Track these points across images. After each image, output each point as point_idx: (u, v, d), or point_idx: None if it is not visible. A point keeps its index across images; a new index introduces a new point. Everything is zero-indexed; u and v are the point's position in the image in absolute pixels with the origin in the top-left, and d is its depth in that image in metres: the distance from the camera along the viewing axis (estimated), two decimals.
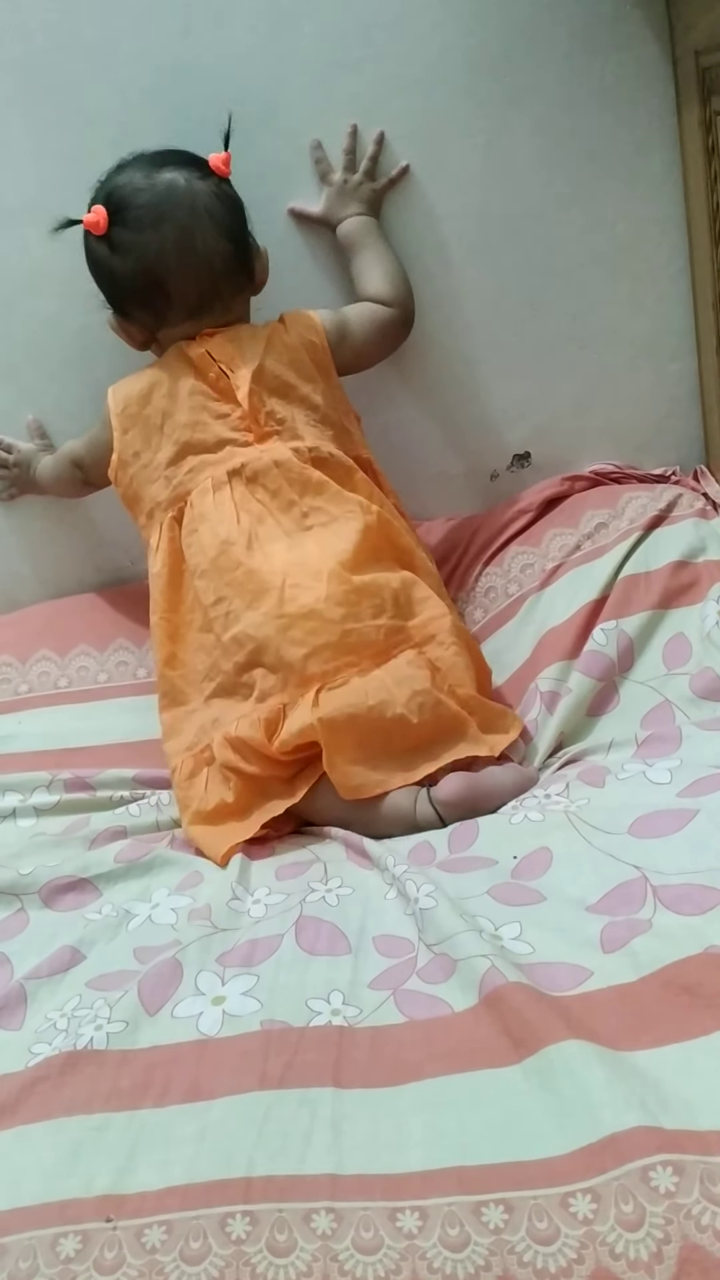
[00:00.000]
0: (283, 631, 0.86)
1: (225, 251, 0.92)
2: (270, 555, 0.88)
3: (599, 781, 0.80)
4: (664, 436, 1.11)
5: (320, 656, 0.85)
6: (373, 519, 0.90)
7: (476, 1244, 0.48)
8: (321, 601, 0.85)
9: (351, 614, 0.86)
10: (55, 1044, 0.63)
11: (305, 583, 0.86)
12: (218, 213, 0.92)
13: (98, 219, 0.92)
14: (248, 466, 0.90)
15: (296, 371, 0.94)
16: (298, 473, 0.90)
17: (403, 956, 0.67)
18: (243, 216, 0.94)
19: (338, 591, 0.86)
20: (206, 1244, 0.49)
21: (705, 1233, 0.47)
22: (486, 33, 0.99)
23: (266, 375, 0.92)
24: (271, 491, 0.90)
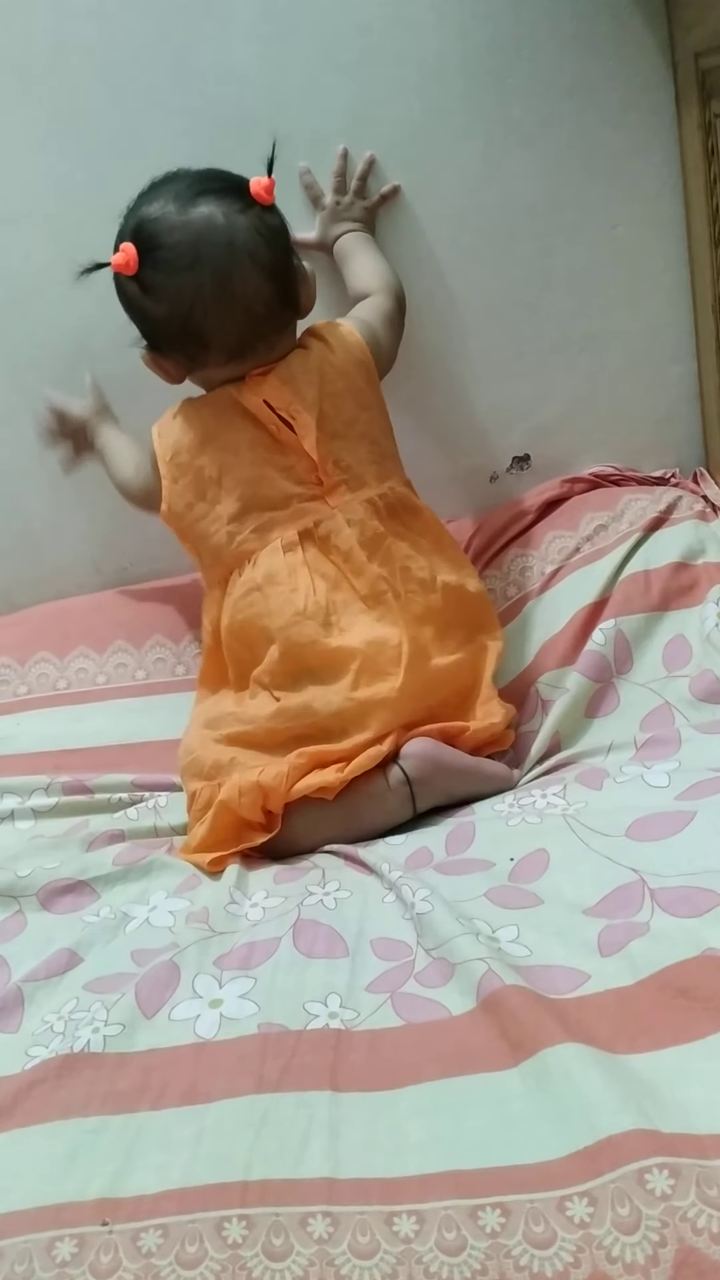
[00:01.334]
0: (353, 715, 0.83)
1: (267, 293, 0.86)
2: (345, 631, 0.85)
3: (597, 784, 0.80)
4: (663, 439, 1.11)
5: (384, 734, 0.84)
6: (436, 598, 0.87)
7: (473, 1248, 0.48)
8: (397, 691, 0.83)
9: (423, 702, 0.86)
10: (52, 1047, 0.63)
11: (384, 668, 0.84)
12: (260, 252, 0.84)
13: (127, 260, 0.85)
14: (321, 526, 0.86)
15: (354, 401, 0.90)
16: (371, 533, 0.87)
17: (400, 960, 0.67)
18: (287, 248, 0.88)
19: (414, 682, 0.84)
20: (203, 1248, 0.49)
21: (701, 1235, 0.47)
22: (484, 35, 0.99)
23: (328, 419, 0.88)
24: (344, 554, 0.86)
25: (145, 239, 0.85)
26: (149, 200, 0.87)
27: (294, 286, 0.89)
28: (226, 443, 0.88)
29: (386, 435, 0.94)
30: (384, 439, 0.93)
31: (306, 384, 0.88)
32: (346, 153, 0.99)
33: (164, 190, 0.86)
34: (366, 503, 0.88)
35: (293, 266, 0.89)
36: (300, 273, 0.90)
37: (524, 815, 0.79)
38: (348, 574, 0.86)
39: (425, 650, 0.86)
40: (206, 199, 0.85)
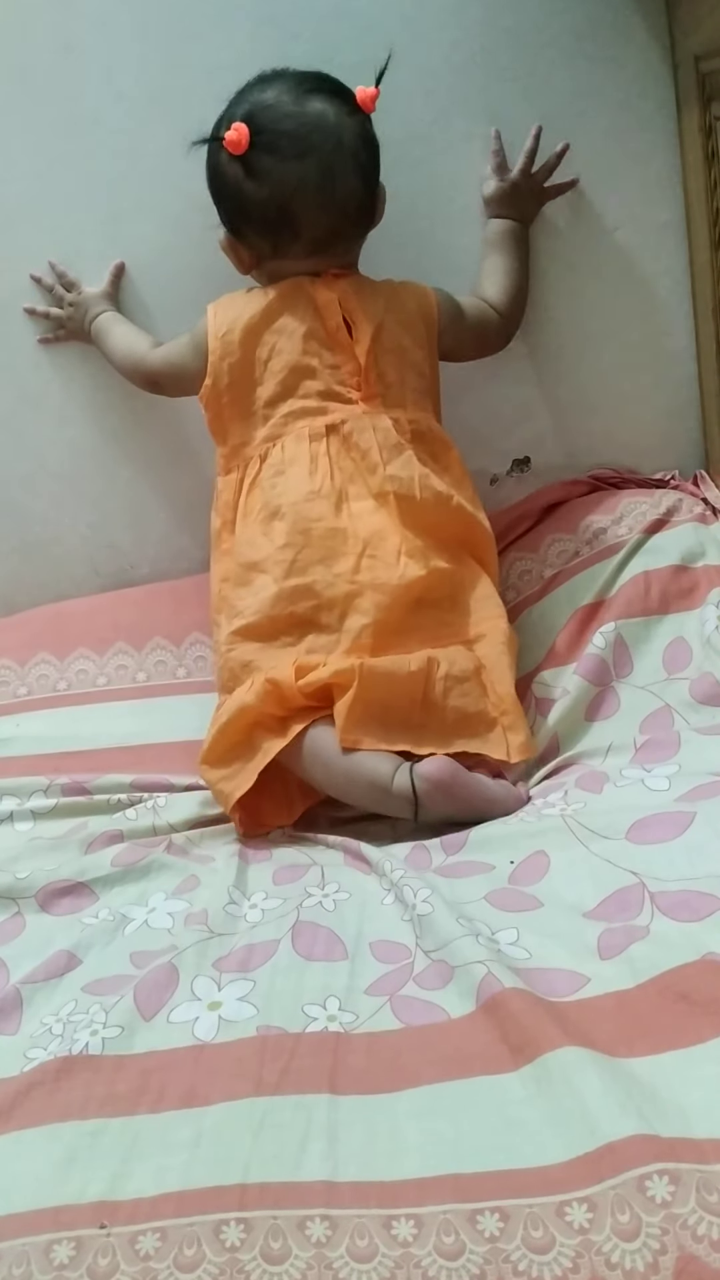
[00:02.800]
0: (351, 598, 0.85)
1: (360, 195, 0.90)
2: (355, 516, 0.88)
3: (597, 787, 0.80)
4: (663, 441, 1.11)
5: (379, 631, 0.85)
6: (454, 506, 0.90)
7: (472, 1252, 0.48)
8: (396, 578, 0.85)
9: (419, 599, 0.87)
10: (51, 1049, 0.63)
11: (385, 556, 0.86)
12: (360, 152, 0.89)
13: (240, 138, 0.86)
14: (347, 425, 0.89)
15: (412, 337, 0.93)
16: (394, 443, 0.89)
17: (400, 962, 0.66)
18: (378, 157, 0.92)
19: (412, 574, 0.86)
20: (200, 1251, 0.49)
21: (701, 1243, 0.46)
22: (485, 38, 0.99)
23: (386, 334, 0.91)
24: (363, 452, 0.89)
25: (259, 123, 0.87)
26: (262, 89, 0.89)
27: (378, 195, 0.93)
28: (284, 326, 0.90)
29: (434, 380, 0.96)
30: (431, 381, 0.95)
31: (373, 299, 0.92)
32: (540, 132, 0.99)
33: (277, 82, 0.89)
34: (394, 420, 0.90)
35: (376, 174, 0.92)
36: (382, 187, 0.94)
37: (523, 818, 0.79)
38: (363, 470, 0.89)
39: (425, 552, 0.87)
40: (320, 96, 0.88)
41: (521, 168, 1.00)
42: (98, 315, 1.03)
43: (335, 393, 0.90)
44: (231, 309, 0.92)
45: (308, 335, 0.90)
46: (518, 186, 1.00)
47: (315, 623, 0.86)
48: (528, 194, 1.01)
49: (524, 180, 1.00)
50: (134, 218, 1.01)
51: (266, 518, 0.89)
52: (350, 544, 0.87)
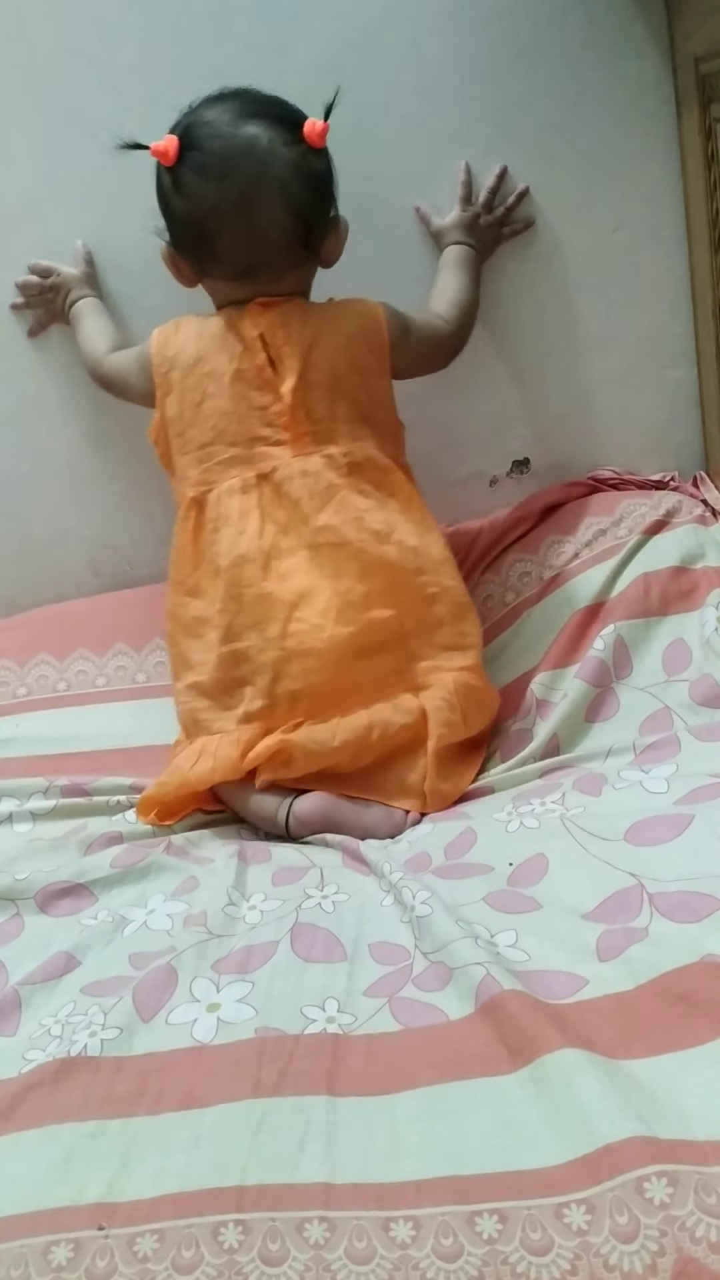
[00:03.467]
0: (281, 663, 0.86)
1: (285, 225, 0.87)
2: (285, 576, 0.87)
3: (596, 789, 0.80)
4: (663, 443, 1.11)
5: (312, 695, 0.86)
6: (393, 541, 0.88)
7: (470, 1254, 0.48)
8: (323, 641, 0.86)
9: (359, 652, 0.86)
10: (49, 1050, 0.63)
11: (312, 618, 0.86)
12: (290, 184, 0.86)
13: (167, 149, 0.87)
14: (277, 473, 0.88)
15: (349, 362, 0.90)
16: (325, 485, 0.88)
17: (399, 964, 0.66)
18: (322, 192, 0.89)
19: (341, 634, 0.86)
20: (199, 1253, 0.49)
21: (699, 1245, 0.46)
22: (485, 40, 0.99)
23: (314, 367, 0.89)
24: (293, 502, 0.88)
25: (189, 139, 0.87)
26: (210, 105, 0.89)
27: (318, 231, 0.90)
28: (214, 368, 0.90)
29: (379, 406, 0.93)
30: (375, 407, 0.92)
31: (303, 328, 0.89)
32: (506, 172, 1.01)
33: (226, 101, 0.88)
34: (326, 458, 0.89)
35: (324, 212, 0.90)
36: (332, 223, 0.91)
37: (523, 820, 0.79)
38: (296, 521, 0.88)
39: (363, 602, 0.87)
40: (260, 122, 0.87)
41: (484, 201, 1.01)
42: (76, 300, 1.03)
43: (264, 436, 0.89)
44: (171, 345, 0.92)
45: (235, 377, 0.89)
46: (478, 217, 1.01)
47: (253, 685, 0.88)
48: (486, 227, 1.02)
49: (485, 213, 1.01)
50: (134, 219, 1.01)
51: (211, 574, 0.90)
52: (277, 609, 0.87)
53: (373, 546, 0.88)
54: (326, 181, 0.90)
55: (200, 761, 0.88)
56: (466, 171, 1.01)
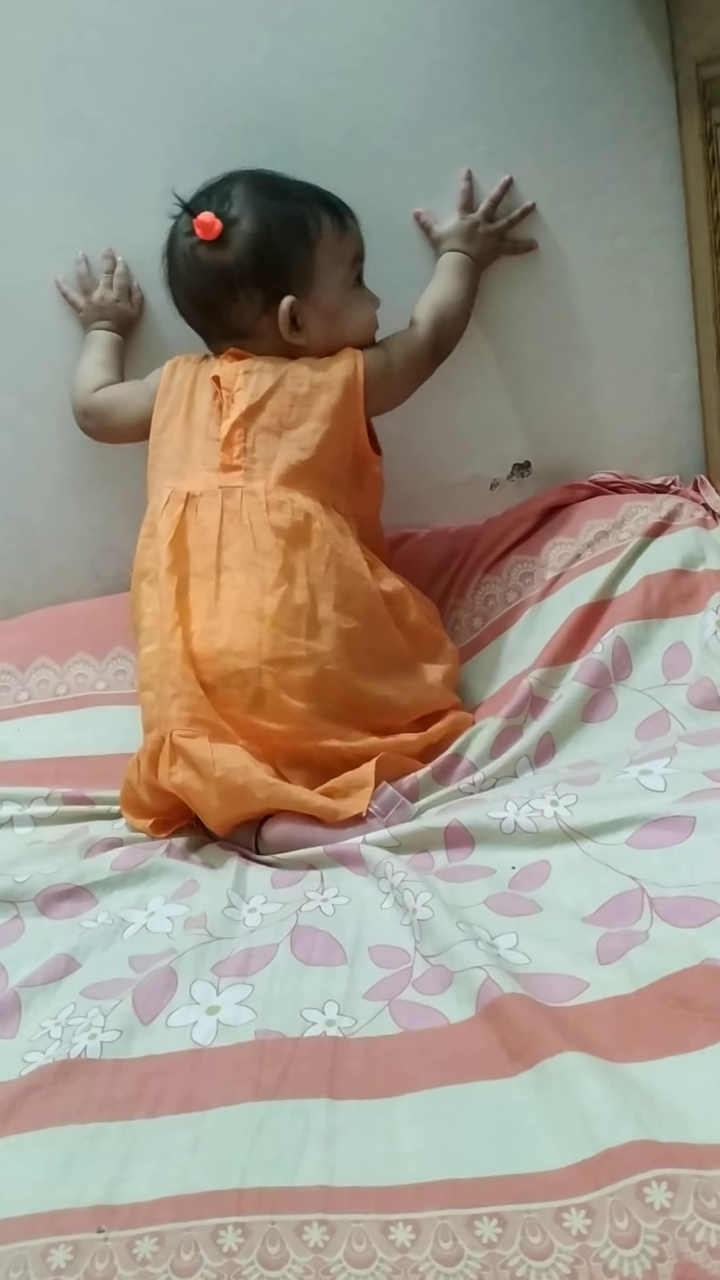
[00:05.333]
0: (154, 676, 0.87)
1: (190, 310, 0.97)
2: (166, 597, 0.88)
3: (595, 792, 0.79)
4: (664, 446, 1.11)
5: (180, 710, 0.85)
6: (272, 602, 0.86)
7: (470, 1258, 0.48)
8: (188, 670, 0.86)
9: (211, 694, 0.86)
10: (49, 1052, 0.63)
11: (165, 638, 0.87)
12: (183, 272, 0.95)
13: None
14: (204, 497, 0.90)
15: (311, 412, 0.91)
16: (237, 520, 0.89)
17: (398, 967, 0.66)
18: (218, 278, 0.92)
19: (202, 666, 0.86)
20: (198, 1255, 0.49)
21: (700, 1250, 0.46)
22: (486, 43, 0.99)
23: (265, 411, 0.91)
24: (204, 528, 0.89)
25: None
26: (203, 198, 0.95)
27: (222, 313, 0.94)
28: (191, 399, 0.95)
29: (334, 461, 0.93)
30: (328, 462, 0.92)
31: (263, 377, 0.92)
32: (511, 183, 1.02)
33: (205, 192, 0.95)
34: (251, 495, 0.89)
35: (228, 295, 0.93)
36: (258, 303, 0.93)
37: (521, 824, 0.78)
38: (202, 548, 0.89)
39: (230, 645, 0.86)
40: (188, 213, 0.93)
41: (484, 210, 1.01)
42: (92, 328, 1.06)
43: (206, 462, 0.92)
44: (175, 375, 0.97)
45: (203, 407, 0.94)
46: (477, 226, 1.02)
47: (149, 689, 0.88)
48: (485, 236, 1.02)
49: (484, 222, 1.02)
50: (133, 222, 1.02)
51: (137, 577, 0.92)
52: (165, 620, 0.87)
53: (257, 596, 0.87)
54: (222, 274, 0.92)
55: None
56: (468, 179, 1.02)
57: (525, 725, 0.90)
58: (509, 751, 0.88)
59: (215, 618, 0.87)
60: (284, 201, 0.93)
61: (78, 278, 1.05)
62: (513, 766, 0.87)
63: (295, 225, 0.92)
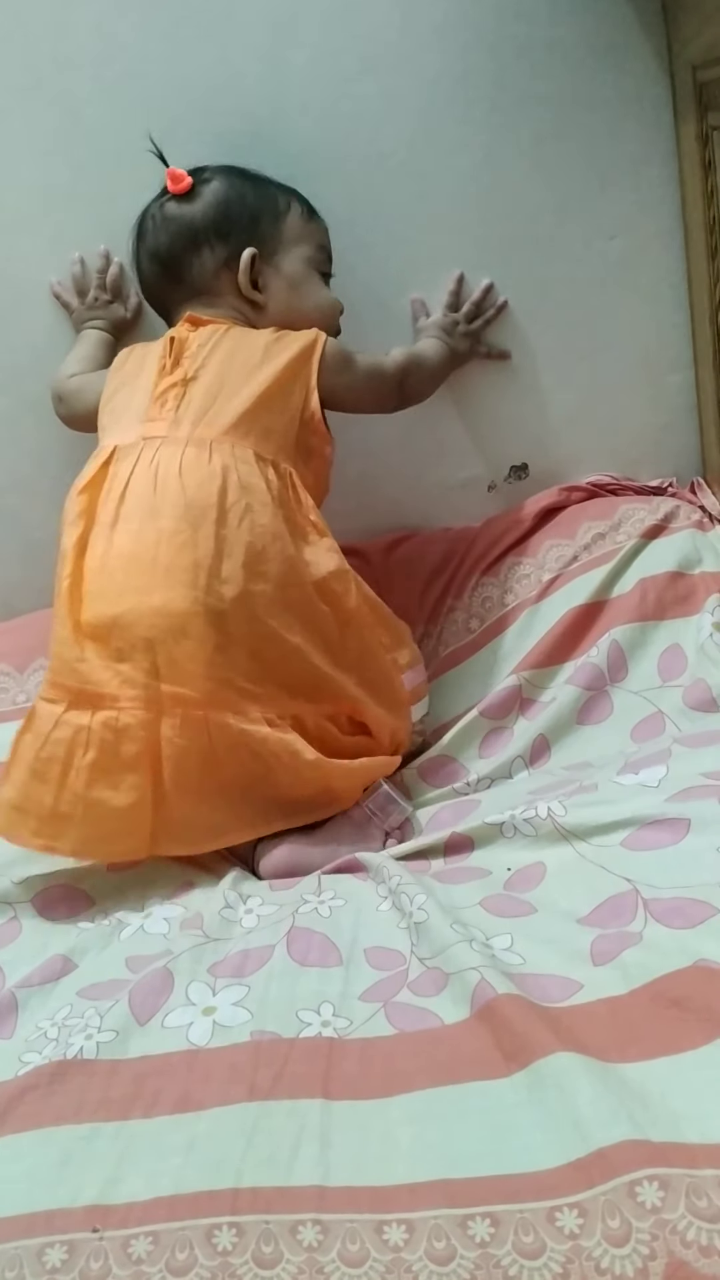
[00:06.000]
0: (56, 633, 0.82)
1: (151, 271, 0.97)
2: (83, 547, 0.84)
3: (591, 793, 0.79)
4: (661, 448, 1.12)
5: (62, 673, 0.80)
6: (168, 553, 0.80)
7: (463, 1257, 0.48)
8: (68, 627, 0.80)
9: (93, 650, 0.80)
10: (45, 1053, 0.63)
11: (81, 600, 0.82)
12: (149, 234, 0.96)
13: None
14: (130, 448, 0.86)
15: (246, 372, 0.88)
16: (148, 468, 0.84)
17: (394, 969, 0.67)
18: (180, 233, 0.93)
19: (88, 620, 0.80)
20: (193, 1255, 0.49)
21: (690, 1248, 0.46)
22: (484, 47, 1.00)
23: (207, 371, 0.88)
24: (116, 478, 0.85)
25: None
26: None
27: (183, 268, 0.94)
28: (141, 368, 0.93)
29: (274, 414, 0.88)
30: (266, 412, 0.87)
31: (219, 342, 0.90)
32: (491, 287, 1.05)
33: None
34: (170, 444, 0.85)
35: (190, 250, 0.94)
36: (217, 256, 0.93)
37: (519, 826, 0.79)
38: (109, 497, 0.85)
39: (124, 590, 0.80)
40: (156, 199, 0.96)
41: (465, 313, 1.05)
42: (83, 326, 1.06)
43: (140, 414, 0.88)
44: (130, 355, 0.96)
45: (145, 374, 0.91)
46: (457, 325, 1.05)
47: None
48: (463, 336, 1.05)
49: (465, 324, 1.05)
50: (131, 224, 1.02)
51: (62, 532, 0.88)
52: (62, 574, 0.83)
53: (173, 540, 0.81)
54: (185, 228, 0.94)
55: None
56: (458, 282, 1.05)
57: (515, 725, 0.90)
58: (503, 752, 0.88)
59: (109, 565, 0.81)
60: (257, 180, 0.96)
61: (73, 278, 1.05)
62: (508, 768, 0.88)
63: (265, 196, 0.95)
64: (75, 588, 0.82)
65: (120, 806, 0.78)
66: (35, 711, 0.82)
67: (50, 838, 0.79)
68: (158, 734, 0.78)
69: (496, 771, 0.87)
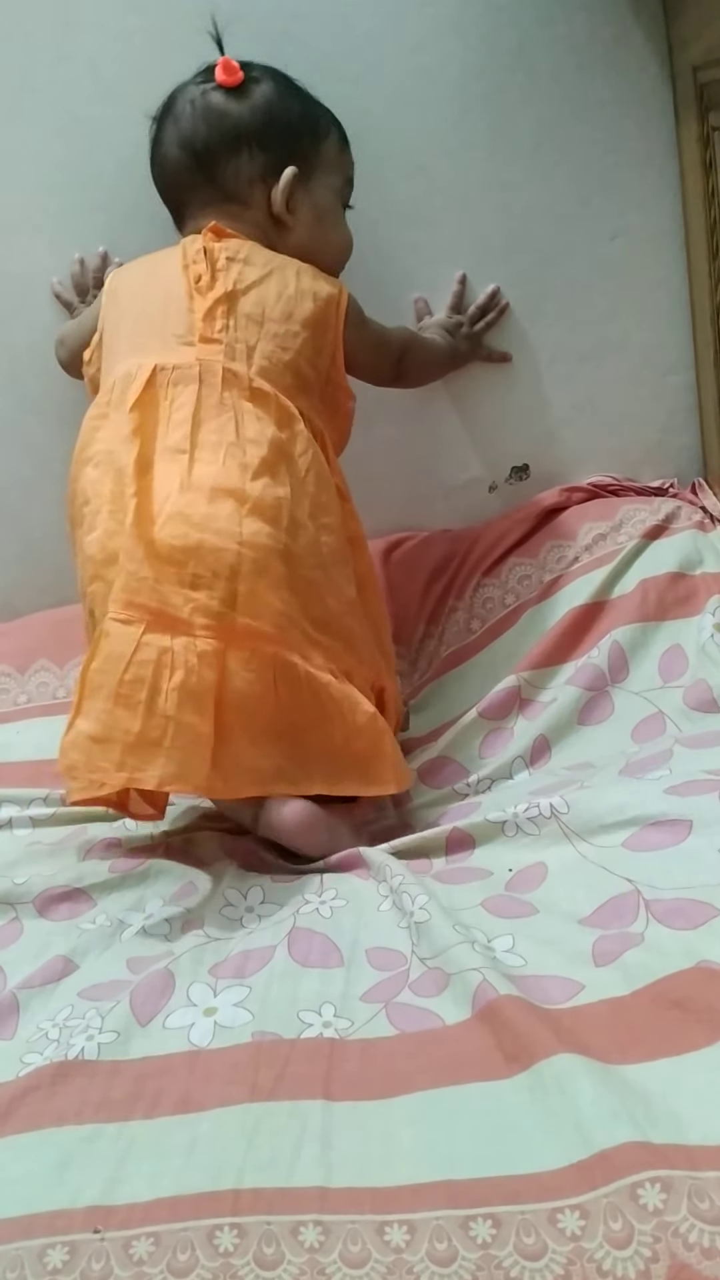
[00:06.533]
0: (102, 564, 0.79)
1: (178, 159, 0.90)
2: (130, 475, 0.79)
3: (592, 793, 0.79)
4: (662, 449, 1.12)
5: (119, 592, 0.77)
6: (256, 489, 0.78)
7: (464, 1258, 0.48)
8: (139, 547, 0.76)
9: (166, 574, 0.76)
10: (47, 1054, 0.63)
11: (149, 524, 0.77)
12: (183, 121, 0.89)
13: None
14: (176, 371, 0.82)
15: (287, 308, 0.85)
16: (218, 397, 0.81)
17: (395, 969, 0.67)
18: (225, 126, 0.88)
19: (164, 541, 0.76)
20: (194, 1256, 0.49)
21: (693, 1251, 0.46)
22: (486, 47, 1.00)
23: (248, 296, 0.85)
24: (178, 401, 0.81)
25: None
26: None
27: (218, 166, 0.89)
28: (157, 273, 0.88)
29: (311, 370, 0.87)
30: (307, 367, 0.86)
31: (250, 262, 0.87)
32: (497, 292, 1.05)
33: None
34: (234, 375, 0.82)
35: (229, 149, 0.89)
36: (257, 167, 0.89)
37: (521, 825, 0.79)
38: (173, 420, 0.81)
39: (193, 514, 0.77)
40: (194, 80, 0.91)
41: (470, 315, 1.05)
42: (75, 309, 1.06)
43: (178, 334, 0.84)
44: (123, 278, 0.91)
45: (172, 280, 0.86)
46: (460, 325, 1.05)
47: (88, 590, 0.81)
48: (466, 336, 1.05)
49: (468, 326, 1.05)
50: (132, 224, 1.02)
51: (80, 464, 0.84)
52: (96, 500, 0.80)
53: (239, 475, 0.79)
54: (231, 123, 0.88)
55: None
56: (461, 283, 1.05)
57: (515, 726, 0.90)
58: (503, 753, 0.88)
59: (190, 491, 0.78)
60: (303, 95, 0.92)
61: (72, 278, 1.05)
62: (508, 768, 0.88)
63: (310, 114, 0.92)
64: (145, 506, 0.78)
65: (205, 733, 0.75)
66: (107, 633, 0.76)
67: (136, 768, 0.75)
68: (224, 665, 0.76)
69: (497, 772, 0.87)
